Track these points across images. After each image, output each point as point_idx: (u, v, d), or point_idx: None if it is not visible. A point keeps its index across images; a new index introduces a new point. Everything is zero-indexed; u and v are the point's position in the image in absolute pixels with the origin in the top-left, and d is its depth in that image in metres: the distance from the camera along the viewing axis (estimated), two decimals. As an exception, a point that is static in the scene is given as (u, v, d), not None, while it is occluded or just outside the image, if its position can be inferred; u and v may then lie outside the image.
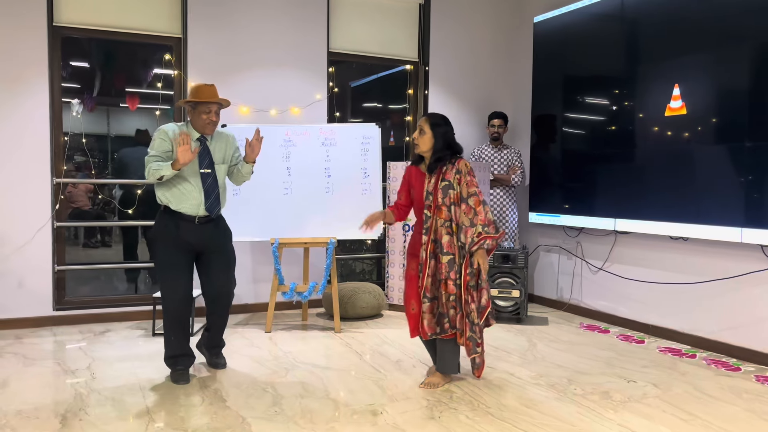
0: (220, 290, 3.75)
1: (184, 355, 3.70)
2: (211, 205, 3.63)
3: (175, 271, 3.58)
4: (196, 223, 3.60)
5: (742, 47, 4.12)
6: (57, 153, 5.01)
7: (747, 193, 4.07)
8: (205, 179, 3.61)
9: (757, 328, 4.16)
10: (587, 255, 5.55)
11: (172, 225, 3.57)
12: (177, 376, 3.63)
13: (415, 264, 3.59)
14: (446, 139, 3.51)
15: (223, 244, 3.76)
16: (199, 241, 3.63)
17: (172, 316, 3.61)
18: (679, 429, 3.03)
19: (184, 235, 3.57)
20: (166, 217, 3.59)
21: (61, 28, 5.00)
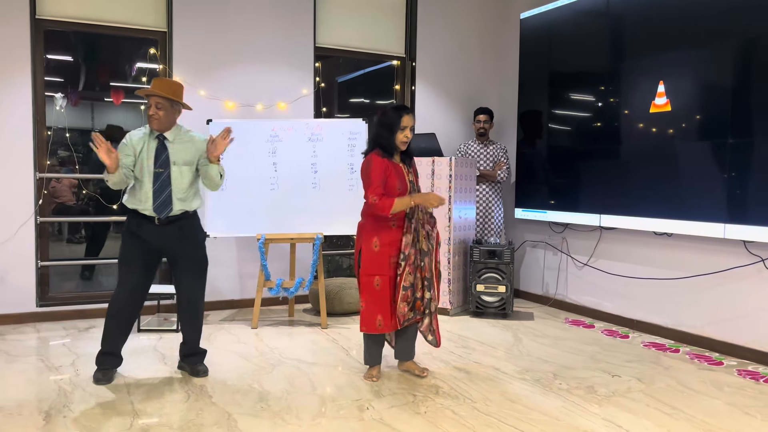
0: (184, 297, 3.64)
1: (111, 354, 3.57)
2: (159, 206, 3.47)
3: (128, 266, 3.52)
4: (156, 224, 3.50)
5: (726, 44, 4.16)
6: (40, 148, 4.96)
7: (730, 190, 4.12)
8: (156, 179, 3.47)
9: (739, 323, 4.22)
10: (572, 250, 5.59)
11: (134, 223, 3.52)
12: (100, 374, 3.52)
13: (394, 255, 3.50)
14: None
15: (189, 249, 3.60)
16: (159, 243, 3.52)
17: (114, 309, 3.52)
18: (662, 423, 3.06)
19: (144, 234, 3.50)
20: (130, 215, 3.55)
21: (44, 21, 4.93)
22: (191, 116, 5.27)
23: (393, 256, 3.51)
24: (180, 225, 3.55)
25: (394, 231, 3.51)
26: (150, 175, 3.48)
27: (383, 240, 3.50)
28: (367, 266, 3.51)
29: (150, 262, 3.58)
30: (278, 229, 5.00)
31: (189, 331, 3.69)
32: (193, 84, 5.30)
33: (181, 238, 3.56)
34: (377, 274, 3.49)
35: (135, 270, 3.53)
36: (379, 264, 3.49)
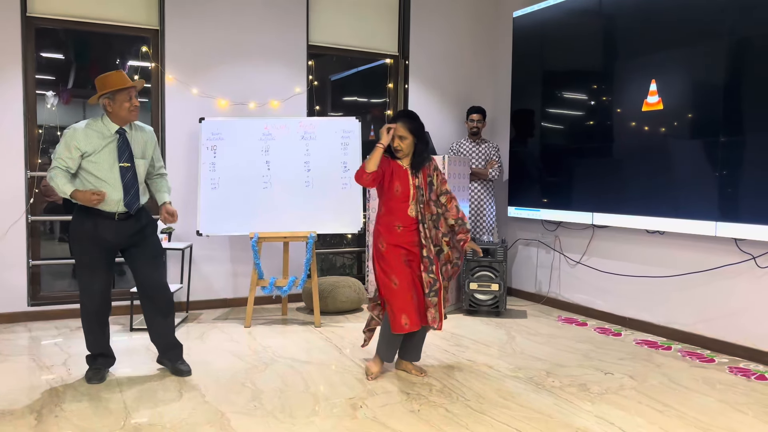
0: (152, 284, 3.56)
1: (102, 355, 3.59)
2: (131, 200, 3.44)
3: (92, 269, 3.45)
4: (115, 220, 3.43)
5: (718, 43, 4.18)
6: (31, 146, 4.93)
7: (721, 188, 4.14)
8: (124, 174, 3.41)
9: (730, 321, 4.24)
10: (565, 249, 5.60)
11: (89, 223, 3.39)
12: (91, 374, 3.52)
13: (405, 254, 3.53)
14: (425, 139, 3.64)
15: (146, 237, 3.56)
16: (118, 238, 3.46)
17: (88, 315, 3.49)
18: (654, 420, 3.08)
19: (102, 233, 3.41)
20: (83, 215, 3.41)
21: (35, 18, 4.90)
22: (184, 114, 5.27)
23: (404, 254, 3.52)
24: (138, 217, 3.52)
25: (402, 233, 3.53)
26: (114, 171, 3.40)
27: (389, 240, 3.52)
28: (382, 267, 3.54)
29: (111, 260, 3.53)
30: (271, 227, 4.99)
31: (162, 321, 3.63)
32: (185, 82, 5.28)
33: (140, 230, 3.52)
34: (392, 273, 3.49)
35: (100, 273, 3.47)
36: (391, 263, 3.50)
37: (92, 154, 3.37)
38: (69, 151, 3.34)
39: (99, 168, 3.38)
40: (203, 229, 4.99)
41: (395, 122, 3.55)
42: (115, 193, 3.39)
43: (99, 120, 3.44)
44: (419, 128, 3.57)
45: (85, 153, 3.36)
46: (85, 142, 3.35)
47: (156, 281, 3.58)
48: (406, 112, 3.63)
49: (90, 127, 3.40)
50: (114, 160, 3.41)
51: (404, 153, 3.56)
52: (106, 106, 3.41)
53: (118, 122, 3.43)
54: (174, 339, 3.71)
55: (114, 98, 3.38)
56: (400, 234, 3.53)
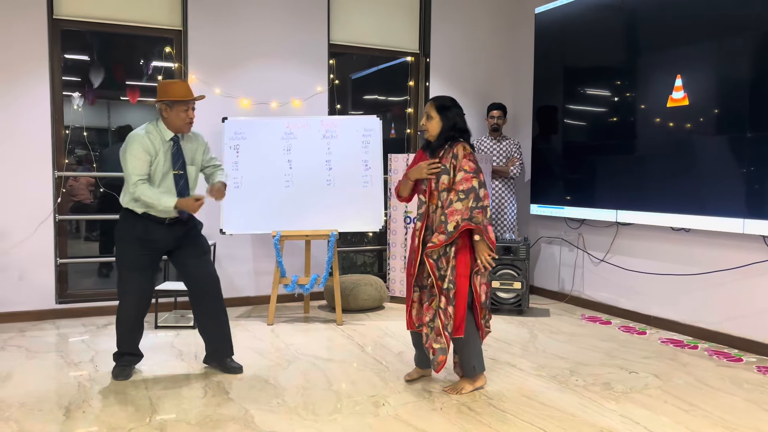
0: (206, 278, 3.59)
1: (131, 354, 3.65)
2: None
3: (139, 271, 3.49)
4: (165, 224, 3.49)
5: (744, 37, 4.10)
6: (58, 146, 5.01)
7: (749, 184, 4.07)
8: (177, 181, 3.49)
9: (758, 319, 4.17)
10: (589, 246, 5.55)
11: (140, 226, 3.45)
12: (118, 371, 3.57)
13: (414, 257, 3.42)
14: (453, 122, 3.33)
15: (193, 237, 3.63)
16: (168, 241, 3.53)
17: (128, 316, 3.53)
18: (680, 419, 3.04)
19: (153, 236, 3.47)
20: (133, 218, 3.46)
21: (62, 20, 4.98)
22: (207, 114, 5.31)
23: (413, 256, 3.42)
24: (183, 222, 3.59)
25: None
26: (168, 178, 3.47)
27: (411, 243, 3.46)
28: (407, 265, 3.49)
29: (157, 263, 3.62)
30: (293, 226, 5.02)
31: (217, 316, 3.64)
32: (208, 82, 5.33)
33: (187, 232, 3.60)
34: (408, 274, 3.45)
35: (146, 275, 3.53)
36: (409, 264, 3.46)
37: (153, 159, 3.43)
38: (140, 160, 3.37)
39: (154, 174, 3.44)
40: (226, 228, 5.03)
41: (426, 103, 3.48)
42: (170, 200, 3.41)
43: (155, 126, 3.48)
44: (446, 108, 3.33)
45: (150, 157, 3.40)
46: (150, 146, 3.41)
47: (210, 274, 3.61)
48: (439, 97, 3.44)
49: (149, 133, 3.44)
50: (168, 168, 3.48)
51: (431, 133, 3.36)
52: (163, 111, 3.46)
53: (172, 129, 3.49)
54: (229, 339, 3.74)
55: (172, 107, 3.44)
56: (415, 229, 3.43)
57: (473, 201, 3.19)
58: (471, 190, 3.20)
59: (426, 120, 3.39)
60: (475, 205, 3.19)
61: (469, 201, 3.19)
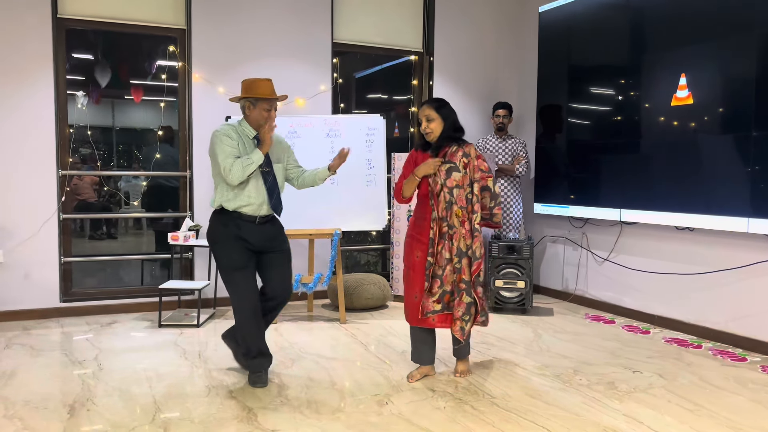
0: (282, 290, 3.58)
1: (261, 354, 3.50)
2: (275, 203, 3.50)
3: (242, 269, 3.42)
4: (256, 224, 3.46)
5: (749, 36, 4.09)
6: (62, 145, 5.02)
7: (753, 183, 4.05)
8: (266, 178, 3.47)
9: (763, 319, 4.15)
10: (593, 246, 5.54)
11: (232, 225, 3.42)
12: (255, 378, 3.46)
13: (420, 248, 3.46)
14: (452, 120, 3.48)
15: (282, 243, 3.60)
16: (259, 241, 3.47)
17: (245, 315, 3.44)
18: (684, 419, 3.03)
19: (245, 235, 3.43)
20: (224, 218, 3.44)
21: (66, 20, 4.99)
22: (211, 113, 5.33)
23: (418, 251, 3.47)
24: (273, 221, 3.58)
25: (422, 225, 3.49)
26: (257, 175, 3.44)
27: (411, 234, 3.54)
28: (404, 257, 3.58)
29: (252, 260, 3.50)
30: (296, 224, 5.02)
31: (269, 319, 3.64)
32: (211, 81, 5.34)
33: (277, 235, 3.58)
34: (406, 266, 3.53)
35: (249, 271, 3.45)
36: (407, 256, 3.53)
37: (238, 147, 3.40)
38: (228, 146, 3.35)
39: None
40: (230, 227, 5.03)
41: (421, 106, 3.54)
42: (258, 197, 3.43)
43: (239, 124, 3.50)
44: (444, 107, 3.47)
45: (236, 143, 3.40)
46: (234, 135, 3.40)
47: (287, 288, 3.61)
48: (434, 98, 3.58)
49: (234, 130, 3.45)
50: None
51: (434, 135, 3.47)
52: (246, 109, 3.47)
53: (254, 128, 3.48)
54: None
55: (255, 104, 3.45)
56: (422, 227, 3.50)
57: (491, 199, 3.51)
58: (487, 189, 3.51)
59: (427, 123, 3.47)
60: (494, 204, 3.52)
61: (487, 200, 3.51)
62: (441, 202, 3.42)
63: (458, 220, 3.43)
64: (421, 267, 3.47)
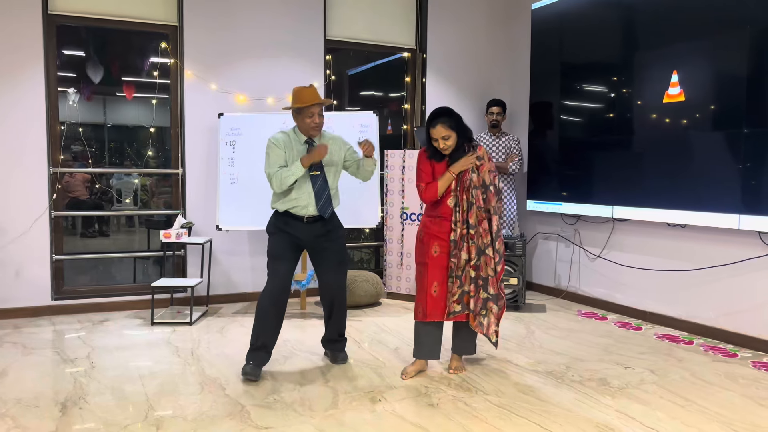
0: (334, 288, 3.74)
1: (263, 349, 3.56)
2: (323, 206, 3.63)
3: (277, 262, 3.62)
4: (304, 222, 3.64)
5: (741, 33, 4.11)
6: (53, 142, 4.99)
7: (744, 180, 4.07)
8: (314, 181, 3.62)
9: (754, 315, 4.18)
10: (585, 242, 5.56)
11: (281, 220, 3.67)
12: (248, 368, 3.50)
13: (440, 245, 3.48)
14: (464, 129, 3.51)
15: (332, 241, 3.72)
16: (306, 237, 3.66)
17: (267, 302, 3.56)
18: (676, 414, 3.05)
19: (292, 231, 3.64)
20: (277, 216, 3.70)
21: (57, 16, 4.96)
22: (203, 110, 5.31)
23: (437, 246, 3.49)
24: (324, 222, 3.68)
25: (441, 223, 3.51)
26: (305, 179, 3.60)
27: (428, 231, 3.53)
28: (416, 254, 3.62)
29: (296, 254, 3.71)
30: (290, 222, 5.00)
31: (336, 319, 3.79)
32: (204, 78, 5.32)
33: (326, 233, 3.69)
34: (420, 263, 3.56)
35: (284, 261, 3.63)
36: (422, 252, 3.55)
37: (289, 161, 3.60)
38: (274, 154, 3.60)
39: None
40: (223, 224, 5.03)
41: (434, 125, 3.44)
42: (304, 200, 3.60)
43: (292, 130, 3.70)
44: (459, 122, 3.48)
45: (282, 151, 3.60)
46: (286, 147, 3.61)
47: (339, 285, 3.75)
48: (442, 111, 3.49)
49: (287, 136, 3.67)
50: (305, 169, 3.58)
51: (451, 149, 3.48)
52: (294, 118, 3.66)
53: (304, 134, 3.65)
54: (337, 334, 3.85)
55: (300, 113, 3.60)
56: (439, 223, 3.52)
57: (497, 199, 3.56)
58: (496, 187, 3.57)
59: (444, 141, 3.45)
60: (500, 205, 3.60)
61: (496, 199, 3.56)
62: (464, 202, 3.49)
63: (477, 219, 3.47)
64: (440, 262, 3.49)
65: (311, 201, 3.61)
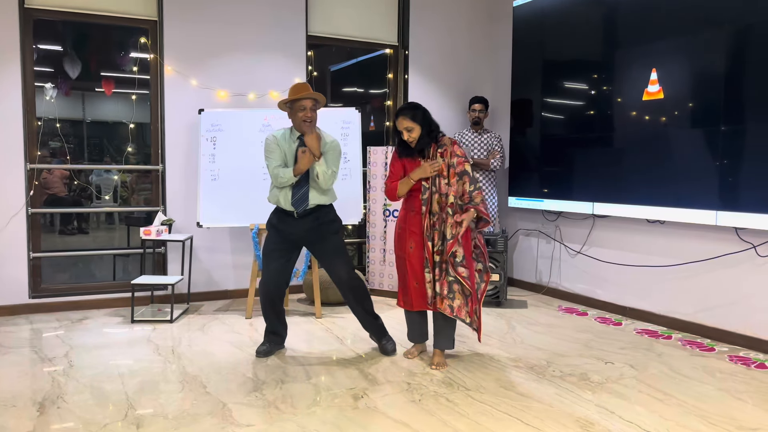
0: (341, 277, 3.84)
1: (271, 333, 3.92)
2: (297, 201, 3.70)
3: (270, 257, 3.80)
4: (295, 217, 3.75)
5: (719, 32, 4.16)
6: (30, 138, 4.92)
7: (722, 177, 4.13)
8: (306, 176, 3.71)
9: (730, 309, 4.24)
10: (566, 239, 5.60)
11: (274, 218, 3.82)
12: (260, 348, 3.89)
13: (414, 239, 3.59)
14: (428, 121, 3.61)
15: (324, 235, 3.80)
16: (297, 232, 3.77)
17: (263, 295, 3.83)
18: (654, 408, 3.08)
19: (283, 227, 3.77)
20: (274, 210, 3.86)
21: (33, 10, 4.88)
22: (183, 106, 5.26)
23: (412, 242, 3.60)
24: (316, 215, 3.77)
25: (414, 217, 3.62)
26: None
27: (405, 224, 3.66)
28: (395, 246, 3.74)
29: (291, 251, 3.85)
30: (272, 219, 4.98)
31: (357, 308, 3.91)
32: (184, 73, 5.27)
33: (317, 227, 3.78)
34: (399, 256, 3.70)
35: (274, 256, 3.79)
36: (401, 246, 3.67)
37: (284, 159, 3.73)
38: (272, 153, 3.73)
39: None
40: (203, 221, 4.99)
41: (397, 117, 3.61)
42: (283, 194, 3.73)
43: (288, 129, 3.80)
44: (423, 115, 3.60)
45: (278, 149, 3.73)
46: (275, 141, 3.73)
47: (343, 275, 3.84)
48: (407, 105, 3.66)
49: (279, 134, 3.79)
50: (290, 165, 3.71)
51: (416, 142, 3.61)
52: (289, 115, 3.72)
53: (297, 130, 3.73)
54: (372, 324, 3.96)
55: (292, 107, 3.67)
56: (414, 217, 3.63)
57: (470, 184, 3.54)
58: (464, 173, 3.55)
59: (408, 133, 3.60)
60: (473, 189, 3.54)
61: (466, 184, 3.54)
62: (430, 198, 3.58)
63: (439, 206, 3.57)
64: (417, 256, 3.61)
65: (288, 196, 3.71)
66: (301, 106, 3.62)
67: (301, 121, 3.65)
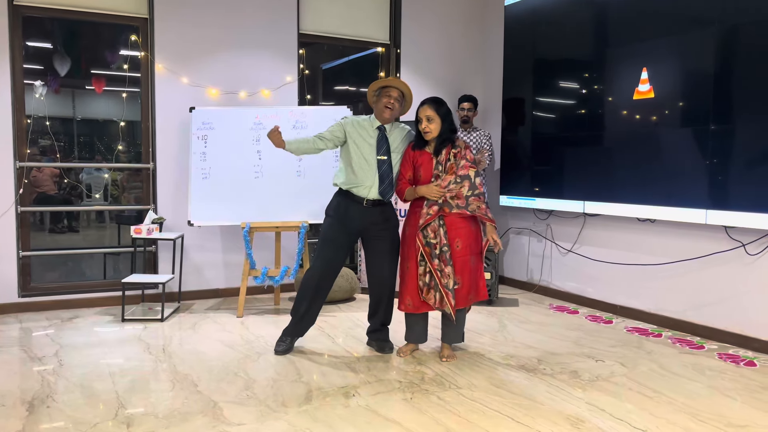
0: (384, 277, 3.87)
1: (297, 324, 3.90)
2: (384, 189, 3.76)
3: (329, 246, 3.80)
4: (364, 206, 3.77)
5: (709, 31, 4.18)
6: (20, 136, 4.88)
7: (711, 176, 4.15)
8: (380, 165, 3.76)
9: (720, 307, 4.27)
10: (557, 237, 5.62)
11: (344, 204, 3.81)
12: (277, 345, 3.92)
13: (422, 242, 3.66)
14: (450, 121, 3.69)
15: (388, 230, 3.86)
16: (363, 223, 3.80)
17: (309, 281, 3.83)
18: (644, 406, 3.10)
19: (351, 214, 3.78)
20: (340, 197, 3.84)
21: (23, 7, 4.84)
22: (174, 104, 5.24)
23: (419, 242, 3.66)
24: (382, 209, 3.83)
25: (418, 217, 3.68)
26: (372, 161, 3.77)
27: (411, 225, 3.72)
28: (401, 248, 3.82)
29: (349, 242, 3.88)
30: (263, 217, 4.98)
31: (384, 312, 3.95)
32: (175, 71, 5.24)
33: (383, 222, 3.83)
34: (405, 258, 3.75)
35: (334, 246, 3.81)
36: (407, 246, 3.73)
37: (357, 142, 3.77)
38: (335, 128, 3.82)
39: (360, 155, 3.78)
40: (194, 220, 4.97)
41: (422, 105, 3.68)
42: (369, 180, 3.75)
43: (371, 117, 3.86)
44: (447, 112, 3.68)
45: (349, 136, 3.79)
46: (352, 128, 3.80)
47: (391, 277, 3.89)
48: (433, 98, 3.73)
49: (360, 119, 3.86)
50: (372, 152, 3.77)
51: (432, 135, 3.66)
52: (374, 103, 3.83)
53: (379, 119, 3.80)
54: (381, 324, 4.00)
55: (380, 94, 3.78)
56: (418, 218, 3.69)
57: (469, 189, 3.60)
58: (466, 177, 3.61)
59: (427, 122, 3.66)
60: (471, 194, 3.61)
61: (464, 188, 3.60)
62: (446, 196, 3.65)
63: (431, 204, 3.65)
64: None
65: (375, 182, 3.75)
66: (387, 93, 3.73)
67: (383, 107, 3.73)
